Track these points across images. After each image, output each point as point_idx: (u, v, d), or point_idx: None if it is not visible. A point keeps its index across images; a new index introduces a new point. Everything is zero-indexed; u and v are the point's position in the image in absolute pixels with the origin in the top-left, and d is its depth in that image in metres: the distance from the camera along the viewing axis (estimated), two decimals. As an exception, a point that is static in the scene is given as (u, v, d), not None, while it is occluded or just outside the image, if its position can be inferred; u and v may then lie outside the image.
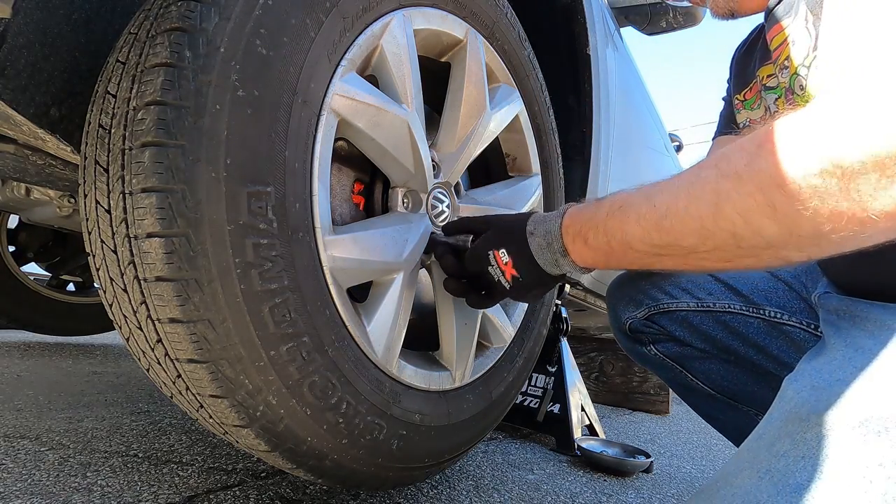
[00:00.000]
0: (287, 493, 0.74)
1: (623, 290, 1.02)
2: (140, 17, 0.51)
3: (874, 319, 0.54)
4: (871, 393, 0.47)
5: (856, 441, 0.44)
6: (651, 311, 0.96)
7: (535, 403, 1.42)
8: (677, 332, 0.94)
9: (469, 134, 0.79)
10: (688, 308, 0.93)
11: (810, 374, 0.53)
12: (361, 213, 0.73)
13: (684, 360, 0.97)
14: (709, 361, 0.94)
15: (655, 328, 0.97)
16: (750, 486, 0.48)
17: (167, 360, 0.49)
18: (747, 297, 0.88)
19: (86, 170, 0.50)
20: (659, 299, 0.95)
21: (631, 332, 1.01)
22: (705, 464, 1.43)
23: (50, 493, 0.65)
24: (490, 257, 0.65)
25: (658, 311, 0.95)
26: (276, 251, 0.50)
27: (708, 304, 0.91)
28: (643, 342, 1.00)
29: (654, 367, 1.03)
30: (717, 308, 0.90)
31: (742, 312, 0.88)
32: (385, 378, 0.63)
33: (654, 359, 1.00)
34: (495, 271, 0.65)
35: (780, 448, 0.48)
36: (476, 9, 0.80)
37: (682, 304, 0.93)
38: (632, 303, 1.00)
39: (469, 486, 0.90)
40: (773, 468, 0.47)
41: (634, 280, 1.01)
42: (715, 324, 0.90)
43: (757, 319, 0.86)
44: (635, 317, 0.99)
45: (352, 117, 0.59)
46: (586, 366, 2.49)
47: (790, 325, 0.83)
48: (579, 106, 1.22)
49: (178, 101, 0.45)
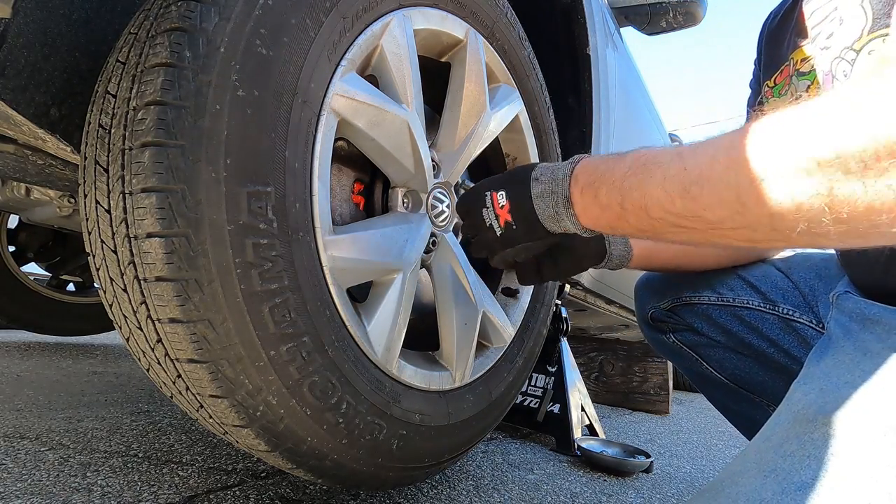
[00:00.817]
0: (287, 493, 0.74)
1: (650, 282, 1.07)
2: (140, 17, 0.51)
3: (885, 323, 0.54)
4: (879, 396, 0.47)
5: (863, 442, 0.44)
6: (674, 304, 1.00)
7: (535, 403, 1.42)
8: (696, 324, 0.98)
9: (469, 134, 0.79)
10: (709, 302, 0.95)
11: (818, 378, 0.53)
12: (361, 213, 0.73)
13: (700, 348, 1.00)
14: (723, 351, 0.97)
15: (676, 318, 1.01)
16: (755, 485, 0.47)
17: (167, 360, 0.49)
18: (765, 295, 0.90)
19: (86, 170, 0.50)
20: (682, 291, 0.99)
21: (653, 321, 1.05)
22: (705, 464, 1.43)
23: (50, 493, 0.65)
24: (486, 198, 0.60)
25: (680, 303, 0.99)
26: (276, 251, 0.50)
27: (728, 299, 0.93)
28: (663, 331, 1.04)
29: (672, 355, 1.07)
30: (735, 303, 0.93)
31: (759, 308, 0.90)
32: (385, 378, 0.63)
33: (673, 346, 1.04)
34: (489, 214, 0.59)
35: (787, 448, 0.48)
36: (476, 9, 0.80)
37: (703, 298, 0.96)
38: (656, 294, 1.04)
39: (469, 486, 0.90)
40: (779, 468, 0.47)
41: (662, 275, 1.05)
42: (732, 318, 0.93)
43: (772, 315, 0.89)
44: (658, 307, 1.02)
45: (352, 117, 0.59)
46: (586, 366, 2.49)
47: (800, 323, 0.86)
48: (579, 106, 1.22)
49: (178, 101, 0.45)
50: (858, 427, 0.45)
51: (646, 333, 1.11)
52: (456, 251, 0.78)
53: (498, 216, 0.59)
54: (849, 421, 0.46)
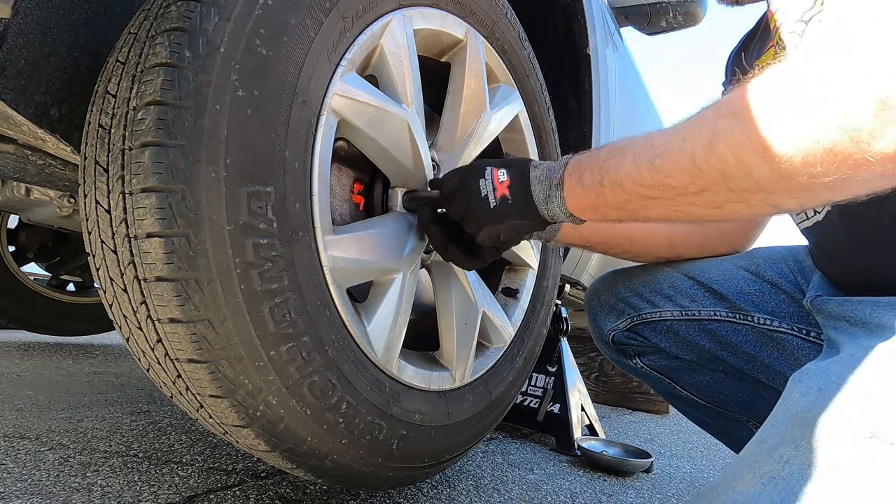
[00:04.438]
0: (287, 493, 0.74)
1: (601, 297, 0.98)
2: (140, 17, 0.51)
3: (884, 323, 0.53)
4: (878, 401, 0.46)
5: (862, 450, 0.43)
6: (633, 322, 0.92)
7: (535, 403, 1.42)
8: (663, 344, 0.90)
9: (469, 134, 0.79)
10: (672, 317, 0.88)
11: (817, 376, 0.52)
12: (361, 213, 0.73)
13: (672, 372, 0.93)
14: (698, 373, 0.90)
15: (640, 340, 0.93)
16: (752, 493, 0.46)
17: (167, 360, 0.49)
18: (733, 303, 0.82)
19: (86, 170, 0.50)
20: (640, 308, 0.91)
21: (614, 344, 0.96)
22: (705, 464, 1.43)
23: (50, 493, 0.65)
24: (487, 171, 0.62)
25: (640, 321, 0.91)
26: (276, 251, 0.50)
27: (693, 313, 0.86)
28: (628, 355, 0.96)
29: (643, 378, 1.00)
30: (702, 316, 0.85)
31: (729, 320, 0.82)
32: (385, 378, 0.63)
33: (642, 371, 0.97)
34: (486, 185, 0.62)
35: (784, 454, 0.47)
36: (476, 9, 0.80)
37: (665, 314, 0.88)
38: (612, 312, 0.95)
39: (469, 486, 0.90)
40: (777, 475, 0.46)
41: (612, 285, 0.97)
42: (702, 333, 0.85)
43: (745, 327, 0.81)
44: (617, 328, 0.94)
45: (352, 117, 0.59)
46: (586, 366, 2.49)
47: (781, 332, 0.78)
48: (579, 106, 1.22)
49: (178, 101, 0.45)
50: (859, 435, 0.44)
51: (608, 355, 1.02)
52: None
53: (496, 189, 0.62)
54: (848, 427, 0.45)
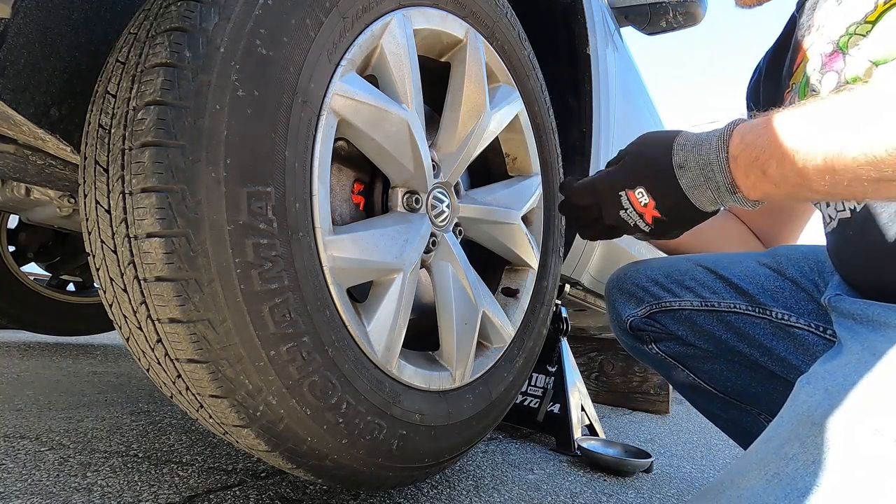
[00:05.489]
0: (287, 493, 0.74)
1: (623, 286, 0.99)
2: (140, 17, 0.51)
3: (889, 322, 0.53)
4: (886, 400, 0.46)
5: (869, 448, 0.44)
6: (653, 309, 0.94)
7: (535, 403, 1.42)
8: (680, 332, 0.92)
9: (469, 134, 0.79)
10: (691, 307, 0.89)
11: (824, 377, 0.52)
12: (361, 213, 0.73)
13: (687, 359, 0.95)
14: (713, 362, 0.92)
15: (657, 327, 0.95)
16: (757, 489, 0.47)
17: (167, 360, 0.49)
18: (753, 297, 0.84)
19: (86, 170, 0.50)
20: (661, 297, 0.92)
21: (632, 330, 0.98)
22: (705, 464, 1.43)
23: (50, 493, 0.65)
24: (623, 199, 0.54)
25: (660, 309, 0.93)
26: (276, 251, 0.50)
27: (712, 304, 0.87)
28: (644, 340, 0.98)
29: (656, 366, 1.02)
30: (722, 308, 0.87)
31: (748, 313, 0.84)
32: (385, 378, 0.63)
33: (656, 357, 0.98)
34: (630, 215, 0.54)
35: (790, 451, 0.47)
36: (476, 9, 0.80)
37: (684, 303, 0.90)
38: (632, 299, 0.97)
39: (469, 486, 0.90)
40: (782, 472, 0.46)
41: (633, 275, 0.98)
42: (720, 324, 0.87)
43: (763, 320, 0.83)
44: (636, 314, 0.96)
45: (352, 117, 0.59)
46: (586, 366, 2.49)
47: (798, 328, 0.79)
48: (579, 106, 1.22)
49: (178, 101, 0.45)
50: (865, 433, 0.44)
51: (624, 342, 1.04)
52: (455, 251, 0.78)
53: (642, 214, 0.55)
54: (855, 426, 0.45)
